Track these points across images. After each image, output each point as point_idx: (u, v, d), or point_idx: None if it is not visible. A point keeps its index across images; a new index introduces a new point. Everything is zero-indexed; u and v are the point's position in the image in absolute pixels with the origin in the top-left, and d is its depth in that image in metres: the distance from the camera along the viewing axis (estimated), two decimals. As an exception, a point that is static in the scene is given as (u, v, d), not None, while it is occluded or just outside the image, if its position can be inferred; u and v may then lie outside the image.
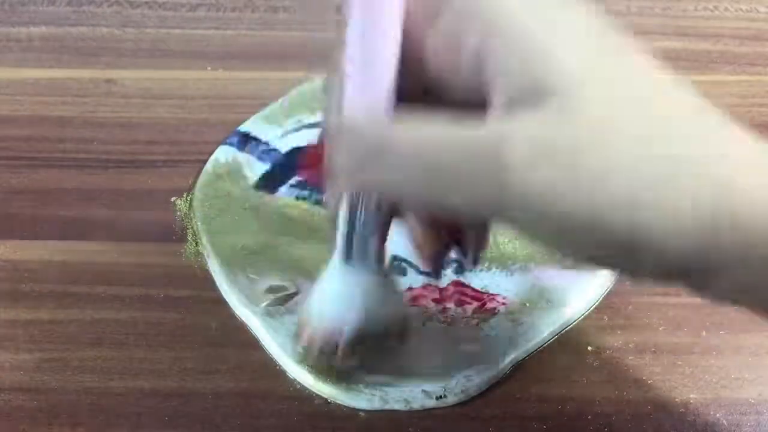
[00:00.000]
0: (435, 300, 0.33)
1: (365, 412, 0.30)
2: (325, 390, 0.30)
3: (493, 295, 0.33)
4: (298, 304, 0.31)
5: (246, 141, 0.40)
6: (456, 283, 0.33)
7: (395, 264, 0.34)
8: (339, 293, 0.26)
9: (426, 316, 0.32)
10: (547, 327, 0.32)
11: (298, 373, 0.30)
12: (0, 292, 0.33)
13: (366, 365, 0.28)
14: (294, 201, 0.37)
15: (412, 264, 0.34)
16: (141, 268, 0.34)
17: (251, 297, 0.32)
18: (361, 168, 0.21)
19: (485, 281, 0.34)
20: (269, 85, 0.43)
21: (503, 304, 0.33)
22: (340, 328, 0.26)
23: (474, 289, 0.33)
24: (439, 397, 0.30)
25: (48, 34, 0.47)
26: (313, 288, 0.27)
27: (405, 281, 0.34)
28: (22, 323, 0.32)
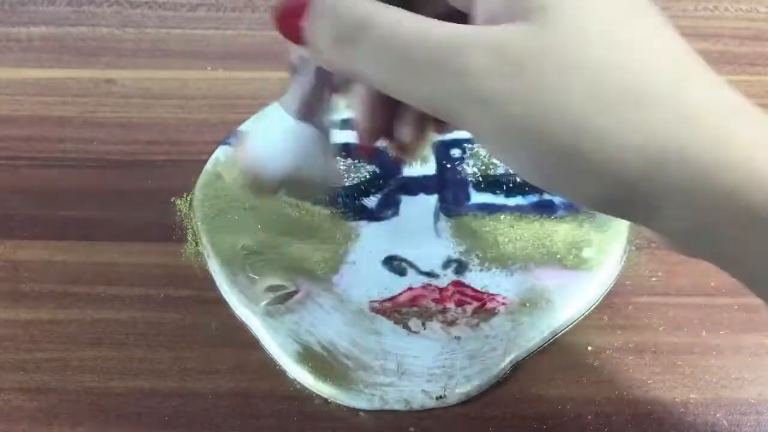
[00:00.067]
0: (435, 300, 0.33)
1: (365, 412, 0.30)
2: (325, 390, 0.30)
3: (493, 295, 0.33)
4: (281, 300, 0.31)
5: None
6: (456, 283, 0.33)
7: (395, 264, 0.34)
8: (280, 140, 0.27)
9: (426, 316, 0.32)
10: (547, 327, 0.32)
11: (298, 373, 0.30)
12: (0, 292, 0.33)
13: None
14: (294, 201, 0.37)
15: (412, 264, 0.34)
16: (141, 268, 0.34)
17: (251, 297, 0.32)
18: (337, 47, 0.21)
19: (485, 281, 0.34)
20: (269, 85, 0.43)
21: (503, 304, 0.33)
22: (273, 169, 0.27)
23: (474, 289, 0.33)
24: (439, 397, 0.30)
25: (48, 34, 0.47)
26: (259, 125, 0.29)
27: (405, 281, 0.34)
28: (22, 323, 0.32)
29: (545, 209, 0.36)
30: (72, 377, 0.31)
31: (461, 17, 0.22)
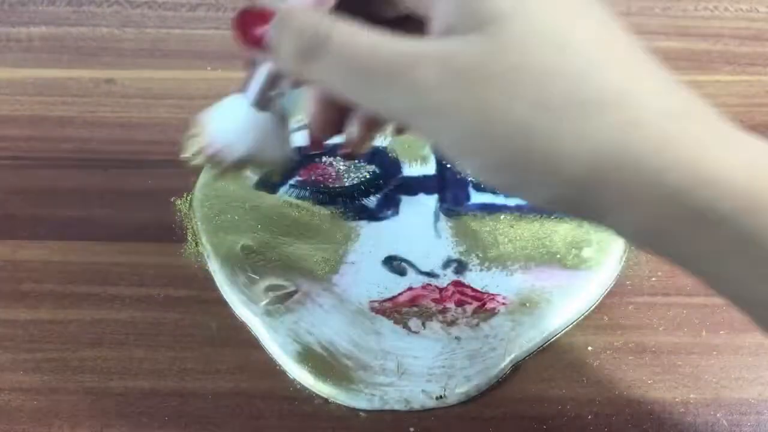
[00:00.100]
0: (435, 300, 0.33)
1: (365, 412, 0.30)
2: (325, 390, 0.30)
3: (493, 295, 0.33)
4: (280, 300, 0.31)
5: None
6: (456, 283, 0.33)
7: (395, 264, 0.34)
8: (236, 123, 0.28)
9: (426, 316, 0.32)
10: (547, 327, 0.32)
11: (298, 373, 0.30)
12: (0, 292, 0.33)
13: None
14: (294, 201, 0.37)
15: (412, 264, 0.34)
16: (141, 268, 0.34)
17: (251, 297, 0.32)
18: (299, 60, 0.22)
19: (485, 281, 0.34)
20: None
21: (503, 304, 0.33)
22: (228, 151, 0.28)
23: (474, 289, 0.33)
24: (439, 397, 0.30)
25: (48, 34, 0.47)
26: (217, 106, 0.29)
27: (405, 281, 0.34)
28: (22, 323, 0.32)
29: (545, 209, 0.36)
30: (72, 377, 0.31)
31: (419, 21, 0.23)
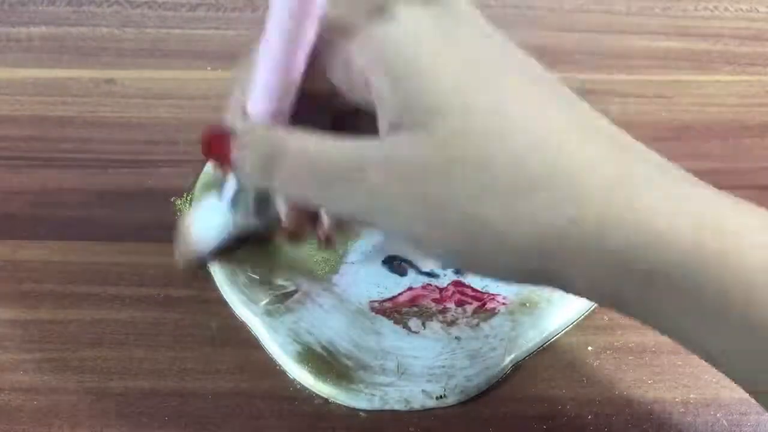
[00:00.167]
0: (435, 300, 0.33)
1: (365, 412, 0.30)
2: (325, 390, 0.30)
3: (493, 295, 0.33)
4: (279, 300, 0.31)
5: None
6: (456, 283, 0.33)
7: (395, 264, 0.34)
8: (216, 229, 0.31)
9: (426, 316, 0.32)
10: (547, 327, 0.32)
11: (298, 373, 0.30)
12: (0, 292, 0.33)
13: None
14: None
15: (412, 264, 0.34)
16: (141, 268, 0.34)
17: (251, 297, 0.32)
18: (260, 172, 0.23)
19: (485, 281, 0.34)
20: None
21: (503, 304, 0.33)
22: (208, 252, 0.32)
23: (474, 289, 0.33)
24: (439, 397, 0.30)
25: (48, 34, 0.47)
26: (197, 208, 0.32)
27: (405, 281, 0.34)
28: (22, 323, 0.32)
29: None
30: (72, 377, 0.31)
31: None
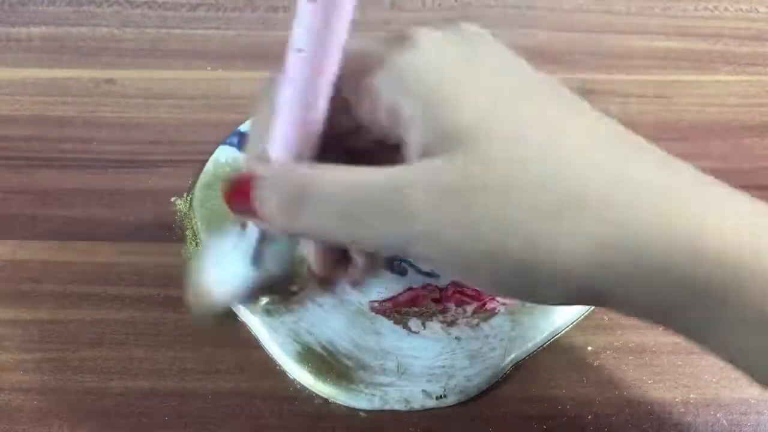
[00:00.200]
0: (435, 300, 0.33)
1: (365, 412, 0.30)
2: (325, 390, 0.30)
3: (493, 295, 0.33)
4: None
5: (246, 141, 0.40)
6: (456, 283, 0.33)
7: (395, 264, 0.34)
8: (232, 269, 0.28)
9: (426, 316, 0.32)
10: (547, 327, 0.32)
11: (298, 373, 0.30)
12: (0, 292, 0.33)
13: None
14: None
15: (412, 264, 0.34)
16: (141, 268, 0.34)
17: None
18: (283, 213, 0.22)
19: (485, 281, 0.34)
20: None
21: (503, 304, 0.33)
22: (223, 297, 0.29)
23: (474, 289, 0.33)
24: (439, 397, 0.30)
25: (48, 34, 0.47)
26: (211, 249, 0.29)
27: (405, 281, 0.34)
28: (22, 323, 0.32)
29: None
30: (72, 377, 0.31)
31: (389, 147, 0.23)
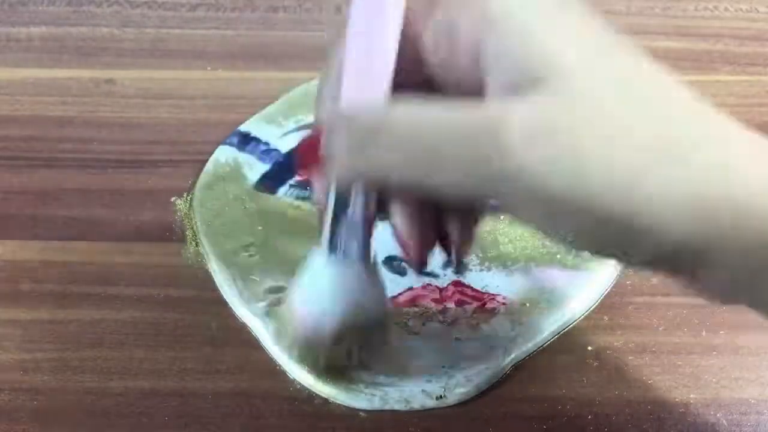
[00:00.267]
0: (435, 300, 0.33)
1: (365, 412, 0.30)
2: (325, 390, 0.30)
3: (493, 295, 0.33)
4: (281, 301, 0.30)
5: (246, 141, 0.40)
6: (456, 283, 0.33)
7: (395, 264, 0.34)
8: (322, 286, 0.26)
9: (426, 316, 0.32)
10: (547, 327, 0.32)
11: (298, 373, 0.30)
12: (0, 292, 0.33)
13: (355, 363, 0.28)
14: (294, 201, 0.37)
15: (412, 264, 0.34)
16: (141, 268, 0.34)
17: (251, 297, 0.32)
18: (359, 150, 0.21)
19: (485, 281, 0.34)
20: (269, 85, 0.43)
21: (503, 304, 0.33)
22: (323, 320, 0.26)
23: (474, 289, 0.33)
24: (439, 397, 0.30)
25: (48, 34, 0.47)
26: (295, 282, 0.27)
27: (405, 281, 0.34)
28: (22, 323, 0.32)
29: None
30: (72, 377, 0.31)
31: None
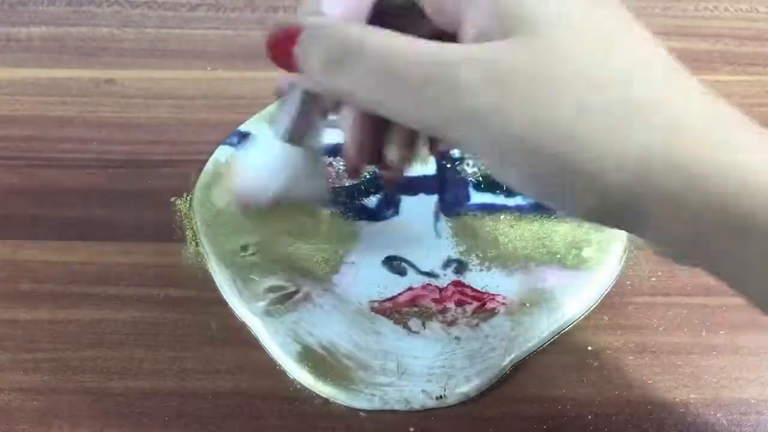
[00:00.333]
0: (435, 300, 0.33)
1: (365, 412, 0.30)
2: (325, 390, 0.30)
3: (493, 295, 0.33)
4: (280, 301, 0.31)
5: (246, 141, 0.40)
6: (456, 283, 0.33)
7: (395, 264, 0.34)
8: (269, 162, 0.28)
9: (426, 316, 0.32)
10: (547, 327, 0.32)
11: (298, 373, 0.30)
12: (0, 292, 0.33)
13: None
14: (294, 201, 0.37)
15: (412, 264, 0.34)
16: (141, 268, 0.34)
17: (251, 297, 0.32)
18: (333, 66, 0.22)
19: (485, 281, 0.34)
20: (269, 85, 0.43)
21: (503, 304, 0.33)
22: (264, 191, 0.29)
23: (474, 289, 0.33)
24: (439, 397, 0.30)
25: (48, 34, 0.47)
26: (248, 149, 0.30)
27: (405, 281, 0.34)
28: (22, 323, 0.32)
29: (545, 209, 0.36)
30: (72, 377, 0.31)
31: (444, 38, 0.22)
